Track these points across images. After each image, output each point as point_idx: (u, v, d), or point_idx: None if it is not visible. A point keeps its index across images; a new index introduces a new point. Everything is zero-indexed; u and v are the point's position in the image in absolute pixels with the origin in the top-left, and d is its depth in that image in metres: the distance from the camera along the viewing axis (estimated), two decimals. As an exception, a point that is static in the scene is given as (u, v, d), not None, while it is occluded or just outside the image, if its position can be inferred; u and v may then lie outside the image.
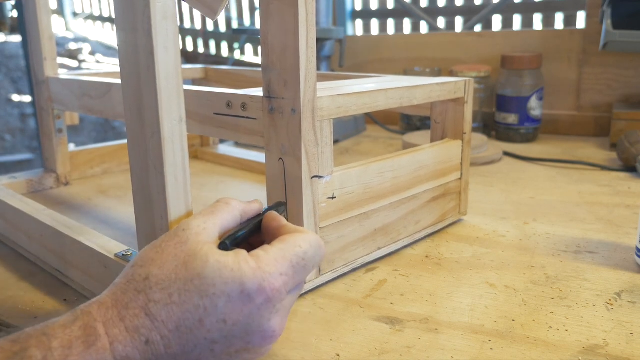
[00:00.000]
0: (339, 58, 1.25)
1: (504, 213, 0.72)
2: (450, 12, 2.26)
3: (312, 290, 0.51)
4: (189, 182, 0.40)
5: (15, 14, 3.84)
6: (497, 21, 2.21)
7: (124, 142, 0.94)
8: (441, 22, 2.28)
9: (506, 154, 1.04)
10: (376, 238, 0.56)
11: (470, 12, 2.18)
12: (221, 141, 1.11)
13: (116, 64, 2.63)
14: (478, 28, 1.78)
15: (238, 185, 0.86)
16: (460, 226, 0.67)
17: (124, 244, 0.50)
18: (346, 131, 1.24)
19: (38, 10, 0.75)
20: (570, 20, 1.97)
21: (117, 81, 0.63)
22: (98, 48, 4.31)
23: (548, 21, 2.04)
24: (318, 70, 1.15)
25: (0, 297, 0.52)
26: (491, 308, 0.48)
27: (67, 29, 4.74)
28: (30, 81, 2.18)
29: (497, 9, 1.58)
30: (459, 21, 2.24)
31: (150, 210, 0.41)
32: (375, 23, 2.44)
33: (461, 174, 0.66)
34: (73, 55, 4.05)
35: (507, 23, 2.15)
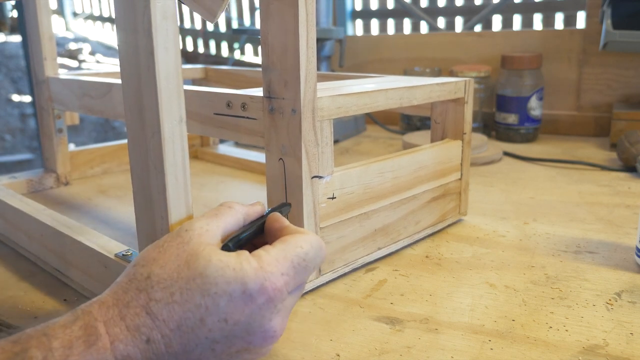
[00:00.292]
0: (339, 58, 1.25)
1: (504, 213, 0.72)
2: (450, 12, 2.26)
3: (312, 290, 0.51)
4: (189, 182, 0.40)
5: (15, 14, 3.84)
6: (497, 21, 2.21)
7: (124, 142, 0.94)
8: (441, 22, 2.28)
9: (506, 154, 1.04)
10: (376, 238, 0.56)
11: (470, 12, 2.18)
12: (221, 141, 1.11)
13: (116, 64, 2.63)
14: (478, 28, 1.78)
15: (238, 185, 0.86)
16: (460, 226, 0.67)
17: (124, 244, 0.50)
18: (346, 131, 1.24)
19: (38, 10, 0.75)
20: (570, 20, 1.97)
21: (117, 81, 0.63)
22: (98, 48, 4.31)
23: (548, 21, 2.04)
24: (318, 70, 1.15)
25: (0, 297, 0.52)
26: (491, 308, 0.48)
27: (67, 29, 4.74)
28: (30, 81, 2.18)
29: (497, 9, 1.58)
30: (459, 21, 2.24)
31: (150, 210, 0.41)
32: (375, 23, 2.44)
33: (461, 174, 0.66)
34: (73, 55, 4.05)
35: (507, 23, 2.15)
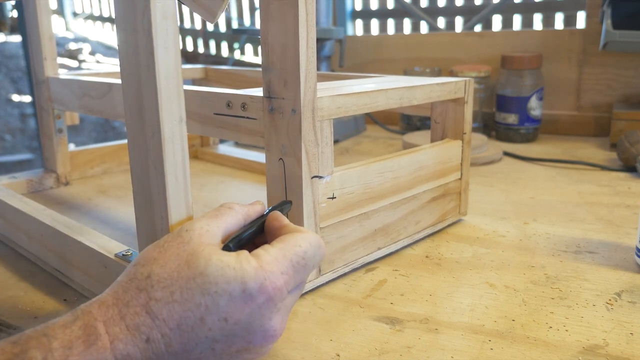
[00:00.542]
0: (339, 58, 1.25)
1: (504, 213, 0.72)
2: (450, 12, 2.26)
3: (312, 290, 0.51)
4: (189, 182, 0.40)
5: (15, 14, 3.84)
6: (497, 21, 2.21)
7: (124, 142, 0.94)
8: (441, 22, 2.28)
9: (506, 154, 1.04)
10: (376, 238, 0.56)
11: (470, 12, 2.18)
12: (221, 141, 1.11)
13: (116, 64, 2.63)
14: (478, 28, 1.78)
15: (238, 185, 0.86)
16: (460, 226, 0.67)
17: (124, 244, 0.50)
18: (346, 131, 1.24)
19: (38, 10, 0.75)
20: (570, 20, 1.97)
21: (117, 81, 0.63)
22: (98, 48, 4.31)
23: (548, 21, 2.04)
24: (318, 70, 1.15)
25: (0, 297, 0.52)
26: (491, 308, 0.48)
27: (67, 29, 4.74)
28: (30, 81, 2.18)
29: (497, 9, 1.58)
30: (459, 21, 2.24)
31: (150, 210, 0.41)
32: (375, 23, 2.44)
33: (461, 174, 0.66)
34: (73, 55, 4.05)
35: (507, 23, 2.15)
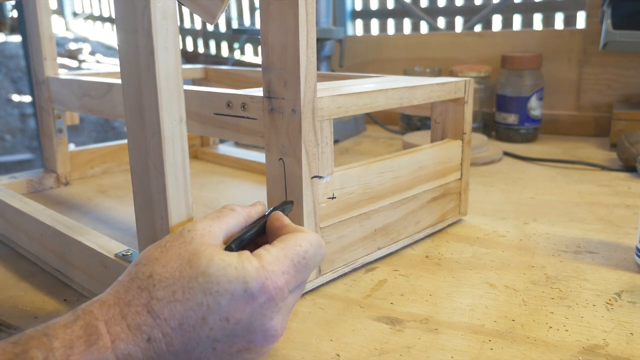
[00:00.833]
0: (339, 58, 1.25)
1: (504, 213, 0.72)
2: (450, 12, 2.26)
3: (312, 290, 0.51)
4: (189, 182, 0.40)
5: (15, 14, 3.84)
6: (497, 21, 2.21)
7: (124, 142, 0.94)
8: (441, 22, 2.28)
9: (506, 154, 1.04)
10: (376, 238, 0.56)
11: (470, 12, 2.18)
12: (221, 141, 1.11)
13: (116, 64, 2.63)
14: (478, 28, 1.78)
15: (238, 185, 0.86)
16: (460, 226, 0.67)
17: (124, 244, 0.50)
18: (346, 131, 1.24)
19: (38, 10, 0.75)
20: (570, 20, 1.97)
21: (117, 81, 0.63)
22: (98, 48, 4.31)
23: (548, 21, 2.04)
24: (318, 70, 1.15)
25: (0, 297, 0.52)
26: (491, 308, 0.48)
27: (67, 29, 4.74)
28: (30, 81, 2.18)
29: (497, 9, 1.58)
30: (459, 21, 2.24)
31: (150, 210, 0.41)
32: (375, 23, 2.44)
33: (461, 174, 0.66)
34: (73, 55, 4.05)
35: (507, 23, 2.16)
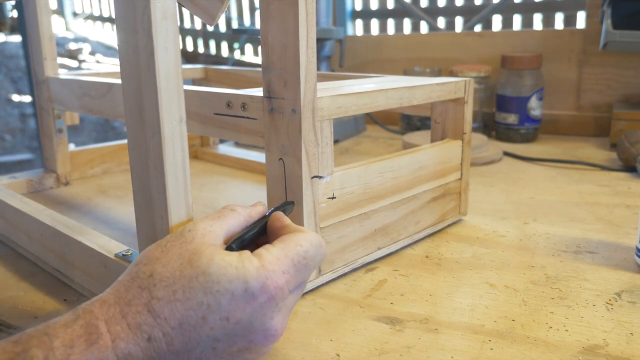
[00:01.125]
0: (339, 58, 1.25)
1: (504, 213, 0.72)
2: (450, 12, 2.26)
3: (312, 290, 0.51)
4: (189, 182, 0.40)
5: (15, 14, 3.84)
6: (497, 21, 2.21)
7: (124, 142, 0.94)
8: (441, 22, 2.28)
9: (506, 154, 1.04)
10: (376, 238, 0.56)
11: (470, 12, 2.18)
12: (221, 141, 1.11)
13: (116, 64, 2.63)
14: (478, 28, 1.78)
15: (238, 185, 0.86)
16: (460, 226, 0.67)
17: (124, 244, 0.50)
18: (346, 131, 1.24)
19: (38, 10, 0.75)
20: (570, 20, 1.97)
21: (117, 81, 0.63)
22: (98, 48, 4.31)
23: (548, 21, 2.04)
24: (318, 70, 1.15)
25: (0, 297, 0.52)
26: (491, 308, 0.48)
27: (67, 29, 4.74)
28: (30, 81, 2.18)
29: (497, 9, 1.58)
30: (459, 21, 2.24)
31: (150, 210, 0.41)
32: (375, 23, 2.44)
33: (461, 174, 0.66)
34: (73, 55, 4.05)
35: (507, 23, 2.16)
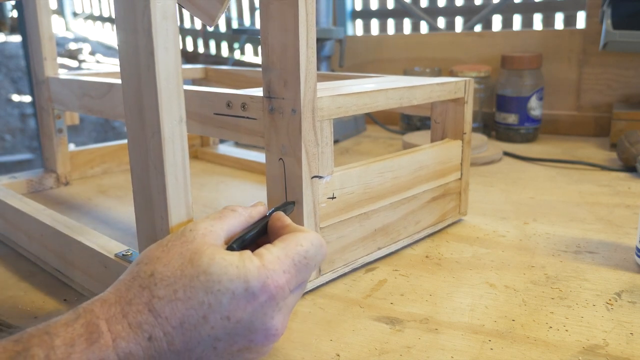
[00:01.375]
0: (339, 58, 1.25)
1: (504, 213, 0.72)
2: (450, 12, 2.26)
3: (312, 290, 0.51)
4: (189, 182, 0.40)
5: (15, 14, 3.84)
6: (497, 21, 2.21)
7: (124, 142, 0.94)
8: (441, 22, 2.28)
9: (506, 154, 1.04)
10: (376, 238, 0.56)
11: (470, 12, 2.18)
12: (221, 141, 1.11)
13: (116, 64, 2.63)
14: (478, 28, 1.78)
15: (238, 185, 0.86)
16: (460, 226, 0.67)
17: (124, 244, 0.50)
18: (346, 131, 1.24)
19: (38, 10, 0.75)
20: (570, 20, 1.97)
21: (117, 81, 0.63)
22: (98, 48, 4.31)
23: (548, 21, 2.04)
24: (318, 70, 1.15)
25: (0, 297, 0.52)
26: (491, 308, 0.48)
27: (67, 29, 4.74)
28: (30, 81, 2.18)
29: (497, 9, 1.58)
30: (459, 21, 2.24)
31: (150, 210, 0.41)
32: (375, 23, 2.44)
33: (461, 174, 0.66)
34: (73, 55, 4.05)
35: (507, 23, 2.16)
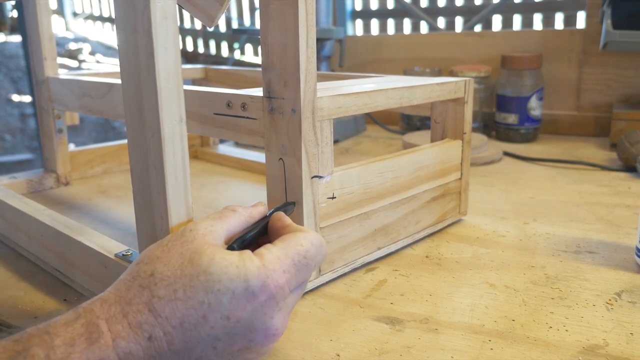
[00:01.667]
0: (339, 58, 1.25)
1: (504, 213, 0.72)
2: (450, 12, 2.26)
3: (312, 290, 0.51)
4: (189, 182, 0.40)
5: (15, 14, 3.84)
6: (497, 21, 2.21)
7: (124, 142, 0.94)
8: (441, 22, 2.28)
9: (506, 154, 1.04)
10: (376, 238, 0.56)
11: (470, 12, 2.18)
12: (221, 141, 1.11)
13: (116, 64, 2.63)
14: (478, 28, 1.78)
15: (238, 185, 0.86)
16: (460, 226, 0.67)
17: (124, 244, 0.50)
18: (346, 131, 1.24)
19: (38, 10, 0.75)
20: (570, 20, 1.97)
21: (117, 81, 0.63)
22: (98, 48, 4.31)
23: (548, 21, 2.04)
24: (318, 70, 1.15)
25: (0, 297, 0.52)
26: (491, 308, 0.48)
27: (67, 29, 4.74)
28: (30, 81, 2.18)
29: (497, 9, 1.58)
30: (459, 21, 2.24)
31: (150, 210, 0.41)
32: (375, 23, 2.44)
33: (461, 174, 0.66)
34: (73, 55, 4.05)
35: (507, 23, 2.16)
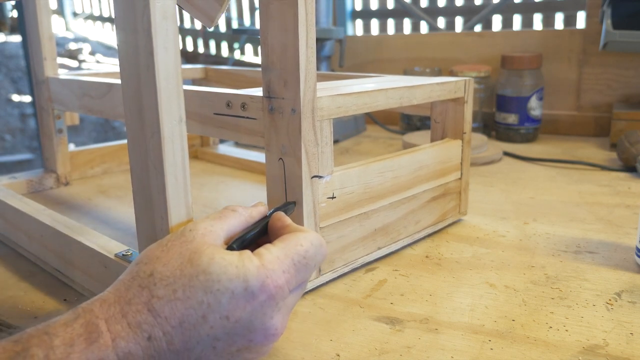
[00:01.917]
0: (339, 58, 1.25)
1: (504, 213, 0.72)
2: (450, 12, 2.26)
3: (312, 290, 0.51)
4: (189, 182, 0.40)
5: (15, 14, 3.84)
6: (497, 21, 2.21)
7: (124, 142, 0.94)
8: (441, 22, 2.28)
9: (506, 154, 1.04)
10: (376, 238, 0.56)
11: (470, 12, 2.18)
12: (221, 141, 1.11)
13: (116, 64, 2.63)
14: (478, 28, 1.78)
15: (238, 185, 0.86)
16: (460, 226, 0.67)
17: (124, 244, 0.50)
18: (346, 131, 1.24)
19: (38, 10, 0.75)
20: (570, 20, 1.97)
21: (117, 81, 0.63)
22: (98, 48, 4.31)
23: (548, 21, 2.04)
24: (318, 70, 1.15)
25: (0, 297, 0.52)
26: (491, 308, 0.48)
27: (67, 29, 4.74)
28: (30, 81, 2.18)
29: (497, 9, 1.58)
30: (459, 21, 2.24)
31: (150, 210, 0.41)
32: (375, 23, 2.44)
33: (461, 174, 0.66)
34: (73, 55, 4.05)
35: (507, 23, 2.16)
